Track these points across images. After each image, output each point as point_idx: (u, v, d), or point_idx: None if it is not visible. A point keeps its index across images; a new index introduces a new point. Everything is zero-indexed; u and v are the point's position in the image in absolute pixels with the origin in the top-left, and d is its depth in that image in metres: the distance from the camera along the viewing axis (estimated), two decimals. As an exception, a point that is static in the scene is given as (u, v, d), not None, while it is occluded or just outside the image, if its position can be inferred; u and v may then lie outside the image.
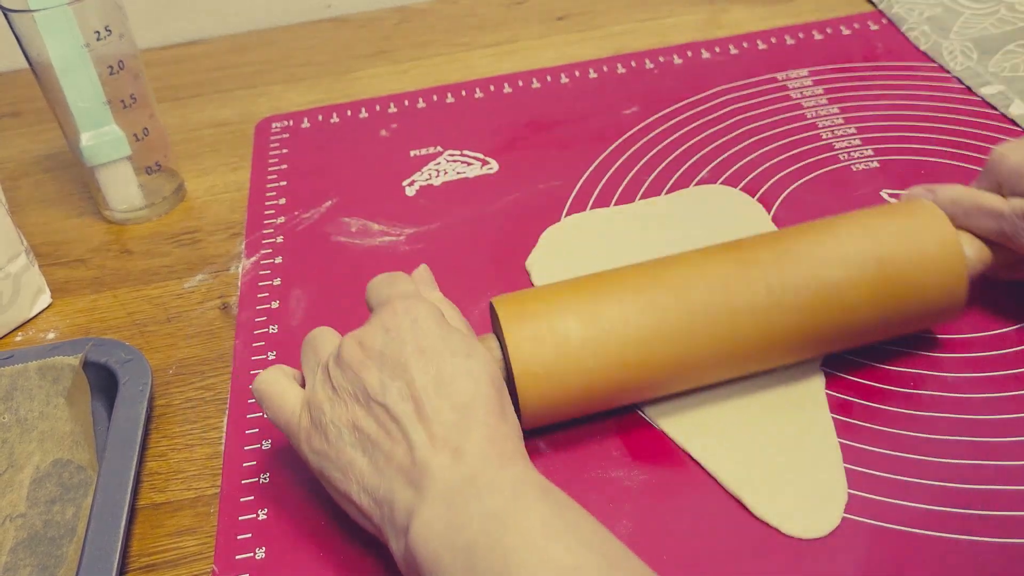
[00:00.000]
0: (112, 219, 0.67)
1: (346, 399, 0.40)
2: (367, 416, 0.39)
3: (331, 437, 0.40)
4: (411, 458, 0.37)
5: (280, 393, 0.43)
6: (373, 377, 0.39)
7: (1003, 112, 0.64)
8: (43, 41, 0.58)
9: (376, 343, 0.40)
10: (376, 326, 0.41)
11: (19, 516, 0.46)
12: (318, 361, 0.42)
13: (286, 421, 0.42)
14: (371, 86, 0.78)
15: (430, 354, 0.40)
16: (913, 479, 0.43)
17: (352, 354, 0.40)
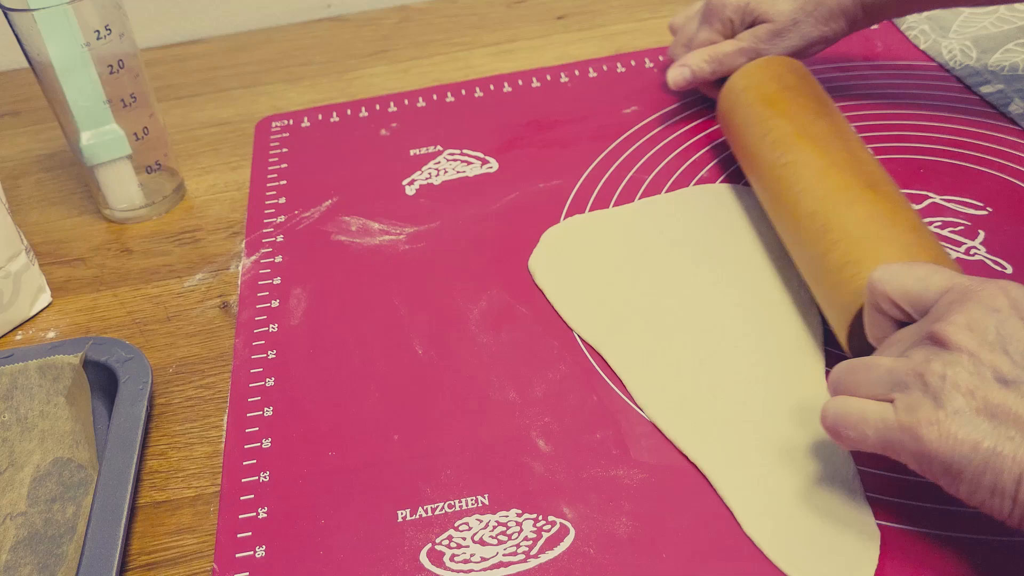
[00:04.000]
0: (112, 218, 0.67)
1: (970, 386, 0.35)
2: (1007, 399, 0.34)
3: (957, 430, 0.35)
4: None
5: (859, 408, 0.38)
6: (1001, 358, 0.35)
7: (1002, 111, 0.64)
8: (43, 40, 0.58)
9: (989, 324, 0.36)
10: (979, 309, 0.36)
11: (19, 515, 0.46)
12: (890, 370, 0.38)
13: (877, 431, 0.37)
14: (371, 85, 0.78)
15: None
16: (913, 478, 0.43)
17: (962, 339, 0.36)
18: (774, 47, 0.61)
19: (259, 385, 0.52)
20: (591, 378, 0.50)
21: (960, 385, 0.35)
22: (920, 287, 0.40)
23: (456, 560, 0.42)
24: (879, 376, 0.38)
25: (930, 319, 0.38)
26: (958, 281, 0.39)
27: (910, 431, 0.36)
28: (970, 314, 0.36)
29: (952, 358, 0.36)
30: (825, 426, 0.39)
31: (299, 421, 0.50)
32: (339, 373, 0.52)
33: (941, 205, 0.57)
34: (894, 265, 0.41)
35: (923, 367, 0.36)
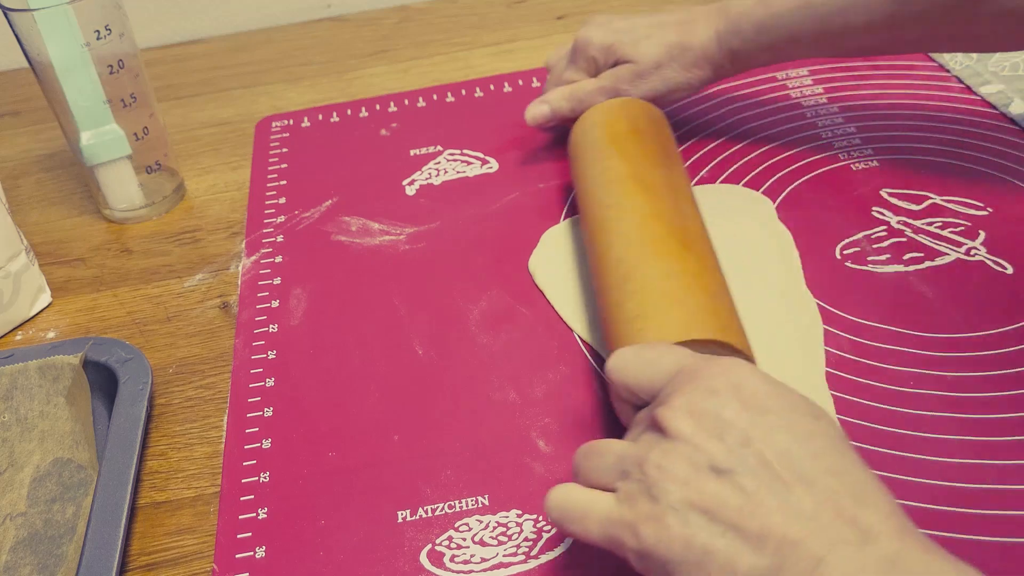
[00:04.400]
0: (112, 218, 0.67)
1: (685, 477, 0.33)
2: (719, 491, 0.32)
3: (672, 526, 0.32)
4: (794, 532, 0.31)
5: (584, 500, 0.36)
6: (717, 446, 0.33)
7: (1003, 111, 0.64)
8: (43, 40, 0.58)
9: (707, 408, 0.34)
10: (699, 393, 0.35)
11: (19, 515, 0.46)
12: (619, 456, 0.36)
13: (600, 526, 0.35)
14: (371, 85, 0.78)
15: (775, 415, 0.34)
16: (913, 478, 0.43)
17: (680, 425, 0.34)
18: (635, 89, 0.60)
19: (259, 385, 0.52)
20: (591, 378, 0.50)
21: (676, 476, 0.33)
22: (650, 372, 0.38)
23: (456, 561, 0.42)
24: (609, 464, 0.36)
25: (655, 403, 0.37)
26: (687, 363, 0.37)
27: (630, 527, 0.34)
28: (690, 398, 0.35)
29: (669, 447, 0.34)
30: (549, 520, 0.37)
31: (299, 421, 0.50)
32: (339, 373, 0.52)
33: (941, 205, 0.57)
34: (628, 350, 0.40)
35: (644, 455, 0.35)
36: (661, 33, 0.59)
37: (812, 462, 0.32)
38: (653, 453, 0.34)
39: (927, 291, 0.52)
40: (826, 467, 0.32)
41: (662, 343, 0.40)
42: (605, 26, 0.61)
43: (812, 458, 0.32)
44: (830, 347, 0.49)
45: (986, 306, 0.51)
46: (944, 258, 0.54)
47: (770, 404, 0.34)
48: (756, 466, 0.32)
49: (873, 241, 0.55)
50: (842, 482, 0.32)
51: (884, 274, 0.53)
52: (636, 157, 0.53)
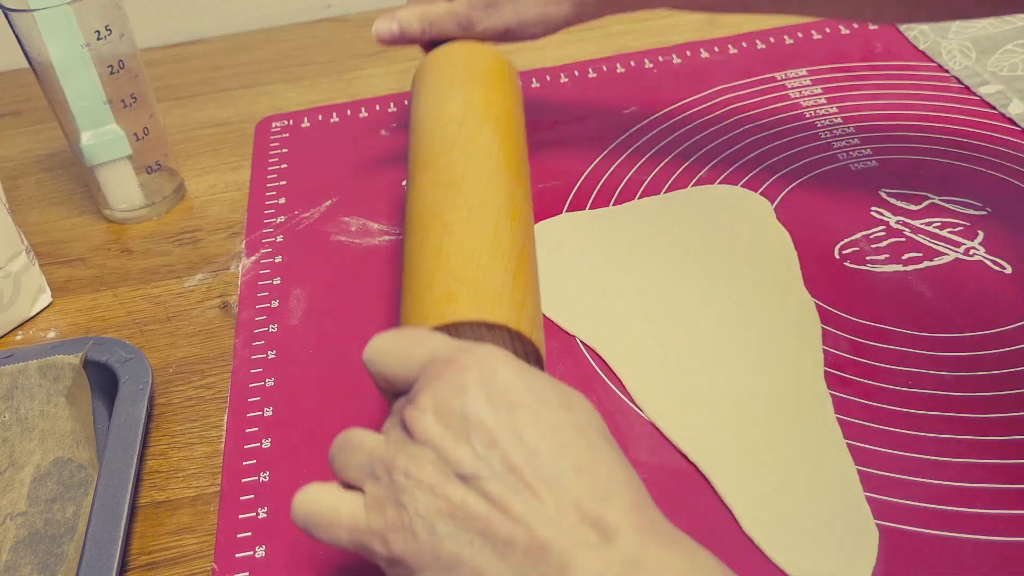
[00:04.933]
0: (112, 218, 0.67)
1: (432, 483, 0.32)
2: (465, 498, 0.31)
3: (420, 534, 0.32)
4: (540, 537, 0.30)
5: (331, 506, 0.34)
6: (462, 449, 0.32)
7: (1002, 111, 0.64)
8: (43, 40, 0.58)
9: (453, 407, 0.32)
10: (446, 388, 0.33)
11: (20, 515, 0.46)
12: (369, 455, 0.34)
13: (349, 534, 0.34)
14: (371, 86, 0.78)
15: (527, 409, 0.32)
16: (913, 478, 0.43)
17: (426, 427, 0.33)
18: (488, 17, 0.56)
19: (259, 385, 0.52)
20: (591, 378, 0.50)
21: (423, 483, 0.32)
22: (403, 363, 0.36)
23: (456, 560, 0.42)
24: (361, 461, 0.34)
25: (406, 399, 0.35)
26: (439, 352, 0.35)
27: (379, 535, 0.33)
28: (437, 395, 0.33)
29: (416, 451, 0.33)
30: (296, 524, 0.36)
31: (299, 421, 0.50)
32: (339, 373, 0.52)
33: (940, 206, 0.57)
34: (385, 336, 0.37)
35: (392, 460, 0.33)
36: None
37: (558, 459, 0.31)
38: (400, 458, 0.33)
39: (926, 291, 0.52)
40: (573, 464, 0.31)
41: (421, 329, 0.38)
42: None
43: (559, 455, 0.32)
44: (828, 347, 0.50)
45: (985, 306, 0.51)
46: (943, 258, 0.54)
47: (519, 399, 0.33)
48: (502, 470, 0.31)
49: (872, 241, 0.56)
50: (587, 479, 0.31)
51: (883, 274, 0.53)
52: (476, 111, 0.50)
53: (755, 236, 0.57)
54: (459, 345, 0.35)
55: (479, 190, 0.45)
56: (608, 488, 0.31)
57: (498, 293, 0.41)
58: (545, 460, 0.31)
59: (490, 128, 0.49)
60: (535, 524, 0.30)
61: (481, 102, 0.51)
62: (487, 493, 0.31)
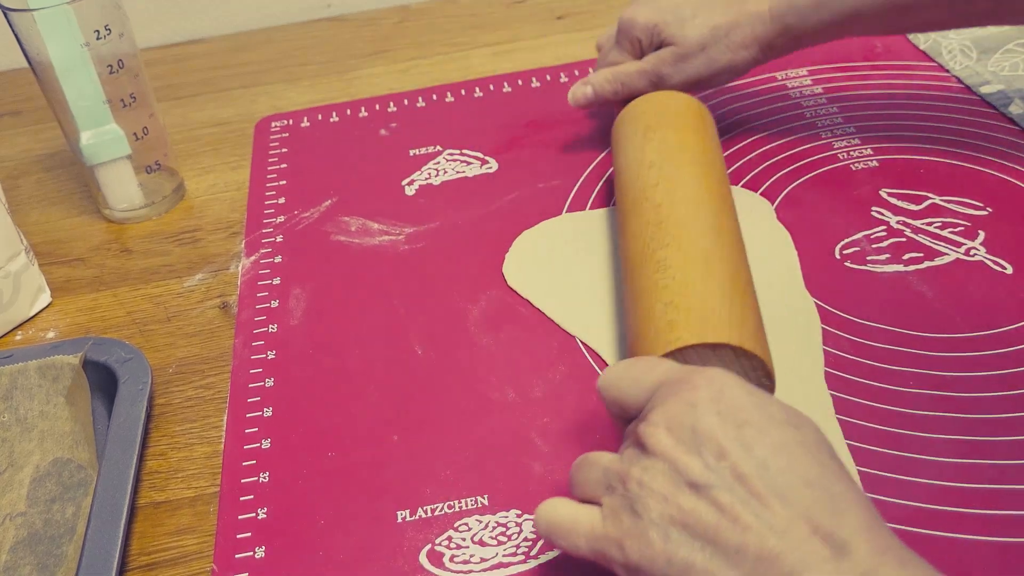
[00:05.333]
0: (112, 218, 0.67)
1: (664, 493, 0.33)
2: (696, 507, 0.33)
3: (654, 541, 0.33)
4: (770, 547, 0.31)
5: (571, 515, 0.36)
6: (694, 461, 0.33)
7: (1002, 111, 0.64)
8: (43, 40, 0.58)
9: (685, 422, 0.34)
10: (678, 406, 0.35)
11: (19, 515, 0.46)
12: (605, 470, 0.36)
13: (588, 541, 0.36)
14: (371, 85, 0.78)
15: (755, 426, 0.33)
16: (913, 478, 0.43)
17: (660, 441, 0.34)
18: (678, 72, 0.59)
19: (259, 385, 0.52)
20: (591, 378, 0.50)
21: (656, 492, 0.34)
22: (636, 389, 0.38)
23: (456, 561, 0.42)
24: (597, 477, 0.37)
25: (639, 419, 0.37)
26: (670, 375, 0.37)
27: (615, 542, 0.34)
28: (668, 413, 0.35)
29: (649, 463, 0.34)
30: (539, 531, 0.38)
31: (299, 421, 0.50)
32: (339, 373, 0.52)
33: (941, 205, 0.57)
34: (616, 367, 0.40)
35: (626, 471, 0.35)
36: (708, 12, 0.58)
37: (788, 474, 0.32)
38: (634, 469, 0.35)
39: (926, 291, 0.52)
40: (802, 479, 0.32)
41: (651, 357, 0.40)
42: (650, 4, 0.60)
43: (788, 470, 0.32)
44: (829, 347, 0.49)
45: (985, 306, 0.51)
46: (943, 258, 0.54)
47: (748, 416, 0.34)
48: (732, 481, 0.32)
49: (872, 241, 0.55)
50: (818, 494, 0.32)
51: (883, 274, 0.53)
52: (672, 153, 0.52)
53: (755, 236, 0.57)
54: (688, 368, 0.37)
55: (685, 223, 0.48)
56: (840, 504, 0.32)
57: (715, 314, 0.43)
58: (775, 473, 0.32)
59: (687, 166, 0.51)
60: (766, 534, 0.31)
61: (675, 143, 0.53)
62: (717, 502, 0.32)
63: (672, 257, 0.46)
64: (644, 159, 0.53)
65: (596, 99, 0.62)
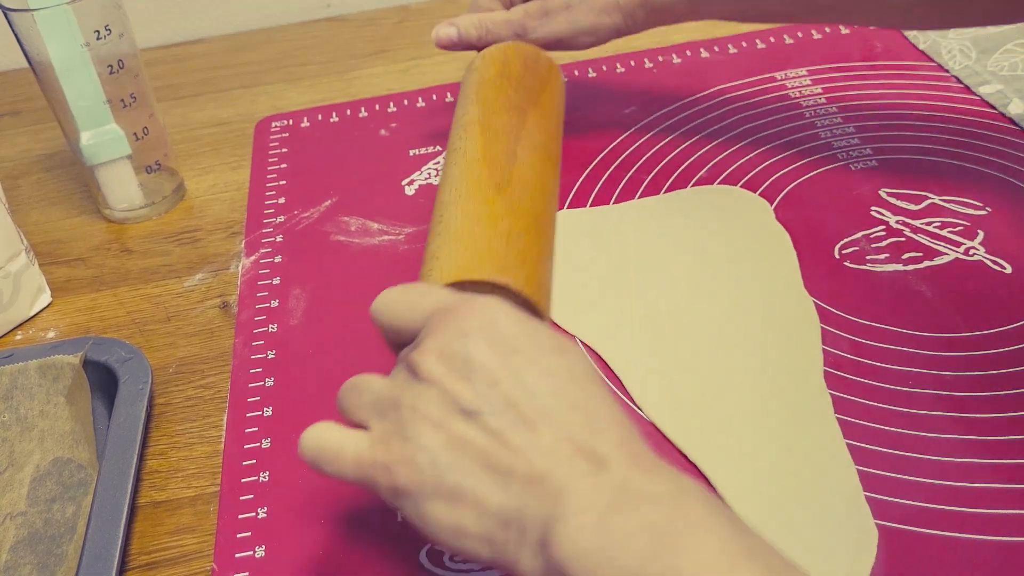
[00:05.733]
0: (112, 218, 0.67)
1: (436, 418, 0.34)
2: (467, 432, 0.34)
3: (424, 466, 0.34)
4: (539, 468, 0.32)
5: (338, 441, 0.37)
6: (464, 388, 0.34)
7: (1002, 111, 0.64)
8: (43, 40, 0.58)
9: (457, 350, 0.35)
10: (450, 334, 0.36)
11: (19, 514, 0.46)
12: (376, 395, 0.37)
13: (355, 467, 0.36)
14: (371, 85, 0.78)
15: (523, 355, 0.35)
16: (913, 478, 0.43)
17: (432, 368, 0.35)
18: (541, 27, 0.60)
19: (259, 385, 0.52)
20: (590, 378, 0.50)
21: (427, 418, 0.34)
22: (409, 314, 0.39)
23: (456, 560, 0.42)
24: (368, 401, 0.37)
25: (412, 345, 0.37)
26: (444, 303, 0.38)
27: (384, 467, 0.35)
28: (441, 341, 0.36)
29: (421, 389, 0.35)
30: (304, 459, 0.38)
31: (299, 421, 0.50)
32: (339, 373, 0.52)
33: (940, 205, 0.57)
34: (393, 290, 0.40)
35: (398, 397, 0.36)
36: None
37: (554, 399, 0.34)
38: (406, 395, 0.35)
39: (926, 291, 0.52)
40: (568, 402, 0.34)
41: (425, 284, 0.41)
42: None
43: (555, 394, 0.34)
44: (828, 347, 0.50)
45: (985, 306, 0.51)
46: (943, 258, 0.54)
47: (518, 344, 0.35)
48: (502, 407, 0.33)
49: (872, 241, 0.56)
50: (581, 416, 0.33)
51: (883, 274, 0.53)
52: (491, 103, 0.55)
53: (755, 236, 0.57)
54: (462, 296, 0.38)
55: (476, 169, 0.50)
56: (599, 424, 0.33)
57: (494, 255, 0.45)
58: (542, 399, 0.33)
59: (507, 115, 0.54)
60: (533, 456, 0.32)
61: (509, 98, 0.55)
62: (488, 428, 0.33)
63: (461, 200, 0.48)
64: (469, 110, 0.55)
65: (460, 42, 0.63)
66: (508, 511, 0.32)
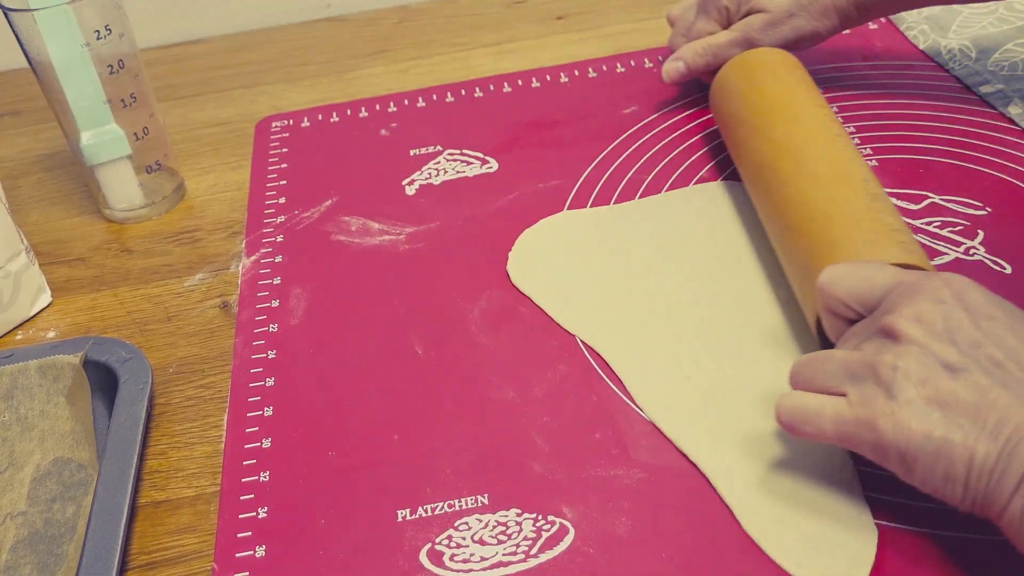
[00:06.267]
0: (112, 218, 0.67)
1: (921, 376, 0.36)
2: (956, 388, 0.36)
3: (910, 420, 0.36)
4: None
5: (817, 403, 0.39)
6: (948, 348, 0.36)
7: (1001, 111, 0.64)
8: (43, 40, 0.58)
9: (936, 315, 0.37)
10: (926, 301, 0.38)
11: (20, 514, 0.46)
12: (844, 363, 0.39)
13: (835, 425, 0.38)
14: (371, 85, 0.78)
15: (1000, 321, 0.37)
16: (912, 477, 0.43)
17: (914, 331, 0.37)
18: (766, 37, 0.62)
19: (259, 385, 0.52)
20: (590, 378, 0.50)
21: (911, 375, 0.36)
22: (866, 286, 0.41)
23: (456, 560, 0.42)
24: (834, 369, 0.39)
25: (880, 313, 0.40)
26: (904, 277, 0.40)
27: (866, 423, 0.37)
28: (918, 306, 0.38)
29: (902, 350, 0.37)
30: (781, 421, 0.40)
31: (299, 421, 0.50)
32: (339, 373, 0.52)
33: (940, 205, 0.57)
34: (840, 266, 0.42)
35: (875, 359, 0.38)
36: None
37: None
38: (886, 356, 0.37)
39: (926, 291, 0.52)
40: None
41: (876, 261, 0.43)
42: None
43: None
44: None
45: (985, 306, 0.51)
46: (943, 258, 0.54)
47: (993, 311, 0.37)
48: (988, 365, 0.36)
49: (872, 241, 0.55)
50: None
51: (883, 274, 0.53)
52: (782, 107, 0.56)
53: (755, 236, 0.57)
54: (921, 272, 0.40)
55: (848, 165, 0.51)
56: None
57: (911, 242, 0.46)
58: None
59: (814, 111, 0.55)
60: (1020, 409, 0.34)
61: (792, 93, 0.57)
62: (975, 384, 0.35)
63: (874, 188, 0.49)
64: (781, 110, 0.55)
65: (689, 73, 0.65)
66: (998, 462, 0.34)
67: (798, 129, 0.54)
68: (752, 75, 0.59)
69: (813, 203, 0.49)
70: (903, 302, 0.39)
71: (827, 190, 0.49)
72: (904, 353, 0.37)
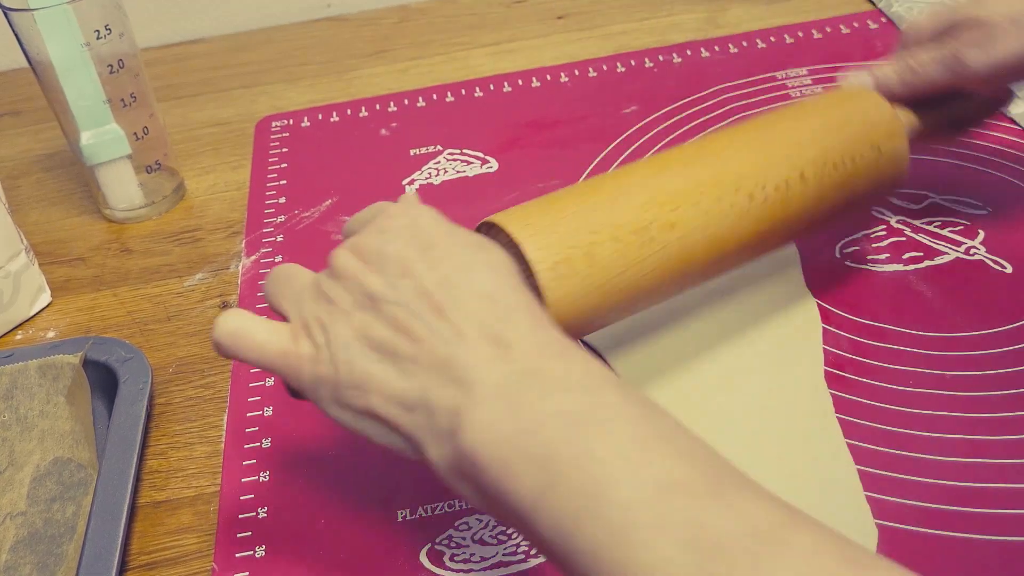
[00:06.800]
0: (112, 218, 0.67)
1: (348, 311, 0.35)
2: (376, 321, 0.34)
3: (337, 356, 0.35)
4: (441, 354, 0.33)
5: (257, 329, 0.37)
6: (376, 280, 0.35)
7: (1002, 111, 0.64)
8: (43, 40, 0.58)
9: (372, 245, 0.36)
10: (370, 231, 0.37)
11: (19, 514, 0.46)
12: (299, 286, 0.38)
13: (277, 355, 0.37)
14: (371, 85, 0.78)
15: (439, 249, 0.35)
16: (913, 477, 0.43)
17: (347, 263, 0.36)
18: (983, 54, 0.47)
19: (259, 385, 0.52)
20: (591, 378, 0.50)
21: (339, 309, 0.35)
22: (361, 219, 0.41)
23: (456, 560, 0.42)
24: (292, 293, 0.38)
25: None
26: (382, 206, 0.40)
27: (309, 358, 0.36)
28: (360, 238, 0.37)
29: (334, 283, 0.36)
30: (218, 343, 0.38)
31: (299, 420, 0.50)
32: (339, 373, 0.52)
33: (941, 205, 0.57)
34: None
35: (317, 291, 0.37)
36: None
37: (465, 288, 0.34)
38: (323, 287, 0.37)
39: (926, 290, 0.52)
40: (478, 292, 0.34)
41: None
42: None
43: (466, 284, 0.34)
44: (829, 346, 0.50)
45: (985, 305, 0.51)
46: (943, 257, 0.54)
47: (435, 240, 0.36)
48: (411, 296, 0.34)
49: (872, 240, 0.56)
50: (490, 304, 0.34)
51: (883, 273, 0.53)
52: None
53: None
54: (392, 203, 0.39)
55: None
56: (509, 312, 0.33)
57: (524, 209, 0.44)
58: (453, 288, 0.34)
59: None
60: (437, 344, 0.33)
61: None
62: (394, 316, 0.34)
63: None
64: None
65: (876, 89, 0.51)
66: (412, 397, 0.33)
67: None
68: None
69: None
70: (354, 234, 0.38)
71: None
72: (335, 286, 0.36)
